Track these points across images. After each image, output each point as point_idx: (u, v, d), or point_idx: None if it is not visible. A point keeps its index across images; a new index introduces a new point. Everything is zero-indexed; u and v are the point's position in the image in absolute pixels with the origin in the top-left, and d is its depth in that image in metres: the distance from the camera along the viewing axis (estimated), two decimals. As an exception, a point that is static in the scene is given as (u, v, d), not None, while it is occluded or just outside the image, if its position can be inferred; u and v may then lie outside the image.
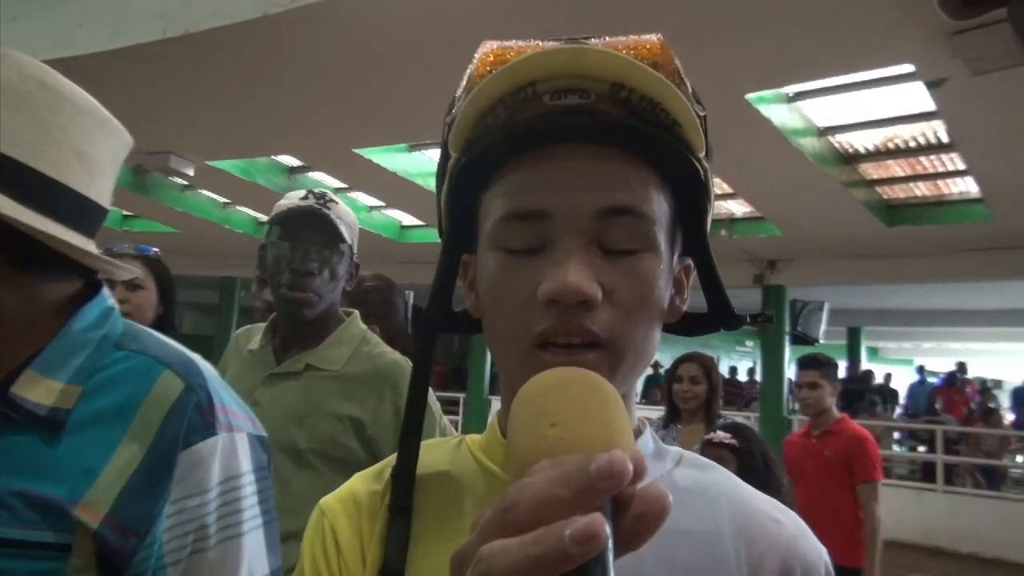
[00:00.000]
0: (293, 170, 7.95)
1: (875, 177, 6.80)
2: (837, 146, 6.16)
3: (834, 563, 0.58)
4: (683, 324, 0.59)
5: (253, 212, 9.79)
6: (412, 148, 6.87)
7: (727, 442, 2.55)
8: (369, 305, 2.04)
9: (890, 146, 6.11)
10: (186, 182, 7.68)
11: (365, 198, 8.83)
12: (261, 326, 1.75)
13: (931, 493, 8.39)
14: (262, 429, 0.85)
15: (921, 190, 7.06)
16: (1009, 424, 10.75)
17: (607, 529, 0.30)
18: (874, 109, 5.43)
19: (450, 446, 0.63)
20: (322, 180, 8.18)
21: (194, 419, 0.75)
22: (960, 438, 9.72)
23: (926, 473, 9.12)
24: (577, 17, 3.63)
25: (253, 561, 0.78)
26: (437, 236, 0.60)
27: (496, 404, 0.64)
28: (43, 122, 0.75)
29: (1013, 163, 5.47)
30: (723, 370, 15.07)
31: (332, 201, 1.63)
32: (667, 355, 5.42)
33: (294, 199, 1.63)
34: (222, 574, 0.75)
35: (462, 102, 0.54)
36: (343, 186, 8.29)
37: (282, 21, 3.97)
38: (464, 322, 0.61)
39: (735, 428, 2.68)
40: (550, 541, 0.30)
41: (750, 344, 17.14)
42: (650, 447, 0.60)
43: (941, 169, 6.46)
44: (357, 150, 6.46)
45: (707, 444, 2.61)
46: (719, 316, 0.59)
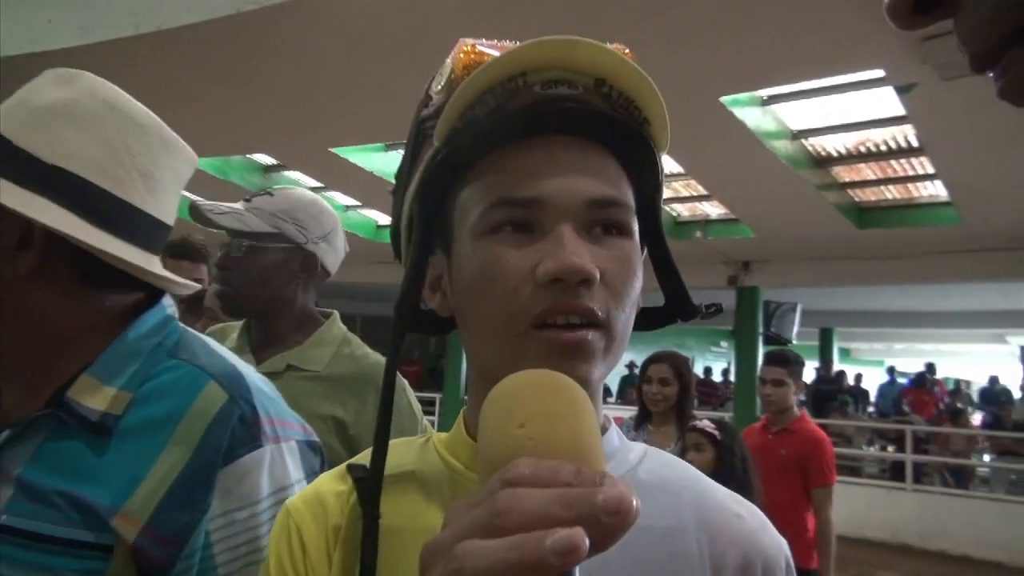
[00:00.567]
0: (268, 168, 7.88)
1: (847, 180, 6.90)
2: (810, 149, 6.24)
3: None
4: (641, 318, 0.60)
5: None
6: (388, 148, 6.85)
7: (709, 430, 2.61)
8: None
9: (862, 149, 6.20)
10: (159, 180, 7.57)
11: (341, 197, 8.78)
12: (236, 325, 1.74)
13: (900, 492, 8.52)
14: (313, 434, 0.86)
15: (892, 193, 7.17)
16: (977, 424, 10.95)
17: (587, 543, 0.30)
18: (846, 113, 5.51)
19: (417, 445, 0.63)
20: (298, 179, 8.12)
21: (238, 431, 0.75)
22: (929, 438, 9.88)
23: (895, 472, 9.26)
24: (552, 21, 3.64)
25: None
26: (410, 237, 0.60)
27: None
28: (109, 142, 0.78)
29: (981, 167, 5.57)
30: (698, 370, 15.19)
31: (264, 195, 1.62)
32: (642, 355, 5.45)
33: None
34: None
35: (445, 93, 0.54)
36: (319, 185, 8.24)
37: (256, 19, 3.94)
38: (431, 322, 0.62)
39: (722, 424, 2.74)
40: (529, 549, 0.30)
41: (724, 345, 17.30)
42: (615, 443, 0.61)
43: (911, 173, 6.57)
44: (333, 149, 6.43)
45: (691, 428, 2.70)
46: (676, 306, 0.60)
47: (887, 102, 5.04)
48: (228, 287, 1.61)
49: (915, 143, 5.74)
